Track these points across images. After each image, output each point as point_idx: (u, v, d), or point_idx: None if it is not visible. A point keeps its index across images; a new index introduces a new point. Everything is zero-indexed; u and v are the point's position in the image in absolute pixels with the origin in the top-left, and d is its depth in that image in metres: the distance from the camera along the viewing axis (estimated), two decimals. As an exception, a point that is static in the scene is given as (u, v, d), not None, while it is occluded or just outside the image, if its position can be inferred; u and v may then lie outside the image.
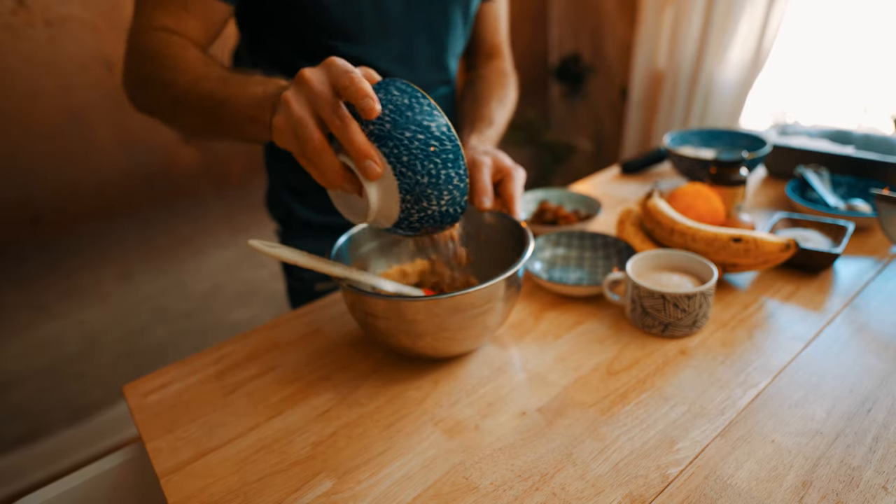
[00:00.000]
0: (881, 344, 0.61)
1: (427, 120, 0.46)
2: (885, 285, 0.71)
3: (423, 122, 0.46)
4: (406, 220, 0.49)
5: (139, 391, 0.62)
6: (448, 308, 0.54)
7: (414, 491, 0.48)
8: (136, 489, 0.59)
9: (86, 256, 1.55)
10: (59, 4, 1.34)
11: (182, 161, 1.64)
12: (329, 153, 0.45)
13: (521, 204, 0.74)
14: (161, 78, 0.60)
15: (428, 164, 0.46)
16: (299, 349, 0.67)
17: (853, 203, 0.87)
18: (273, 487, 0.49)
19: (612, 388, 0.57)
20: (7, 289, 1.45)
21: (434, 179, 0.47)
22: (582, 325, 0.68)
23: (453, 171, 0.47)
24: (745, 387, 0.56)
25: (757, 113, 1.91)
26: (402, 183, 0.46)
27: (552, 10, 2.45)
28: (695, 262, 0.67)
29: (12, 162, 1.38)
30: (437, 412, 0.56)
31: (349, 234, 0.67)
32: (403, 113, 0.46)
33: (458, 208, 0.50)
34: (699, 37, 1.91)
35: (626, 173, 1.17)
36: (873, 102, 1.65)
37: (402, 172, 0.46)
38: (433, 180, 0.47)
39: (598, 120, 2.50)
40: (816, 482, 0.46)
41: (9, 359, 1.49)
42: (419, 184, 0.46)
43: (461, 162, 0.48)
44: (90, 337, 1.61)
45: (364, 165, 0.44)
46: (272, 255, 0.49)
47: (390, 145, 0.45)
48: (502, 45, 0.96)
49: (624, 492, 0.46)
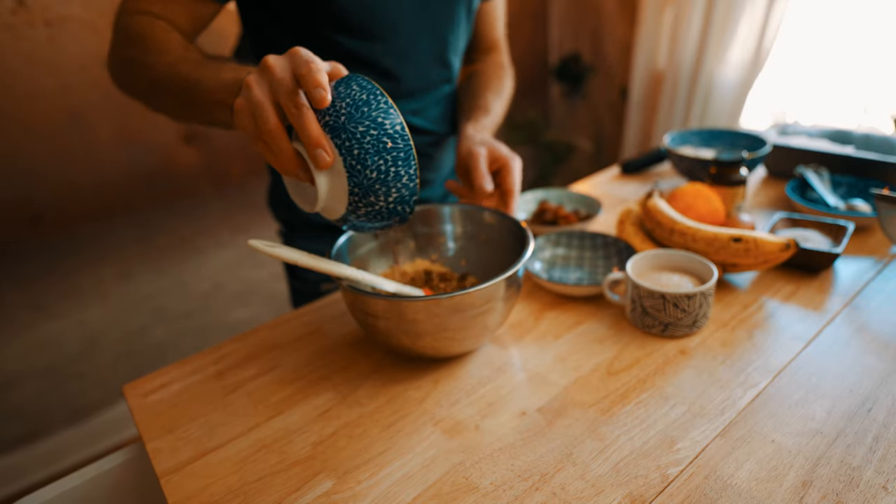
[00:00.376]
0: (881, 344, 0.61)
1: (382, 117, 0.47)
2: (885, 285, 0.71)
3: (378, 119, 0.47)
4: (353, 214, 0.50)
5: (139, 391, 0.62)
6: (448, 308, 0.54)
7: (414, 491, 0.48)
8: (136, 489, 0.59)
9: (86, 256, 1.55)
10: (59, 4, 1.34)
11: (182, 161, 1.64)
12: (283, 138, 0.46)
13: (518, 197, 0.74)
14: (143, 60, 0.62)
15: (378, 159, 0.47)
16: (299, 349, 0.67)
17: (853, 203, 0.87)
18: (273, 487, 0.49)
19: (612, 388, 0.57)
20: (7, 289, 1.45)
21: (383, 176, 0.48)
22: (582, 325, 0.68)
23: (403, 169, 0.48)
24: (746, 387, 0.56)
25: (757, 113, 1.91)
26: (351, 175, 0.47)
27: (552, 10, 2.45)
28: (695, 262, 0.67)
29: (12, 162, 1.38)
30: (437, 412, 0.56)
31: (349, 235, 0.67)
32: (360, 108, 0.47)
33: (407, 207, 0.51)
34: (699, 37, 1.91)
35: (626, 173, 1.17)
36: (873, 102, 1.65)
37: (351, 165, 0.47)
38: (382, 176, 0.47)
39: (598, 120, 2.50)
40: (816, 482, 0.46)
41: (9, 359, 1.49)
42: (368, 178, 0.47)
43: (412, 162, 0.49)
44: (90, 337, 1.61)
45: (315, 154, 0.45)
46: (272, 255, 0.49)
47: (343, 137, 0.46)
48: (500, 40, 0.97)
49: (624, 492, 0.46)
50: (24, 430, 1.55)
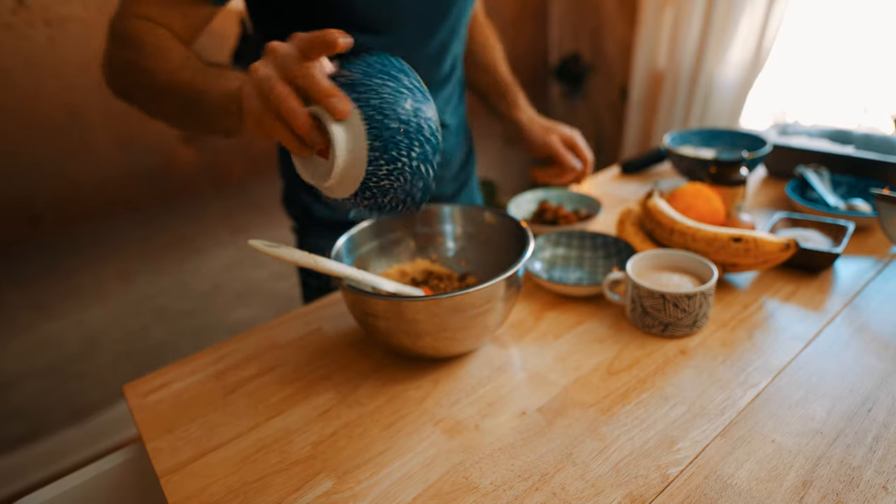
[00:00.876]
0: (881, 344, 0.61)
1: (397, 72, 0.45)
2: (885, 285, 0.71)
3: (393, 73, 0.45)
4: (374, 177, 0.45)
5: (139, 391, 0.62)
6: (448, 308, 0.54)
7: (414, 491, 0.48)
8: (136, 489, 0.59)
9: (86, 256, 1.54)
10: (59, 4, 1.34)
11: (182, 161, 1.64)
12: (294, 99, 0.43)
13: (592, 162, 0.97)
14: (142, 64, 0.61)
15: (399, 109, 0.43)
16: (299, 349, 0.67)
17: (853, 203, 0.87)
18: (273, 487, 0.49)
19: (612, 388, 0.57)
20: (7, 289, 1.45)
21: (405, 126, 0.44)
22: (582, 325, 0.68)
23: (424, 121, 0.45)
24: (746, 387, 0.56)
25: (757, 113, 1.91)
26: (370, 127, 0.43)
27: (552, 10, 2.45)
28: (695, 262, 0.67)
29: (13, 161, 1.38)
30: (437, 412, 0.56)
31: (349, 235, 0.67)
32: (373, 65, 0.45)
33: (431, 169, 0.47)
34: (699, 37, 1.91)
35: (626, 173, 1.17)
36: (873, 102, 1.64)
37: (370, 116, 0.43)
38: (404, 127, 0.44)
39: (598, 120, 2.50)
40: (817, 482, 0.46)
41: (9, 359, 1.49)
42: (388, 128, 0.43)
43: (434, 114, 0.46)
44: (90, 337, 1.61)
45: (330, 103, 0.42)
46: (272, 255, 0.49)
47: (359, 90, 0.43)
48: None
49: (624, 492, 0.46)
50: (24, 430, 1.55)
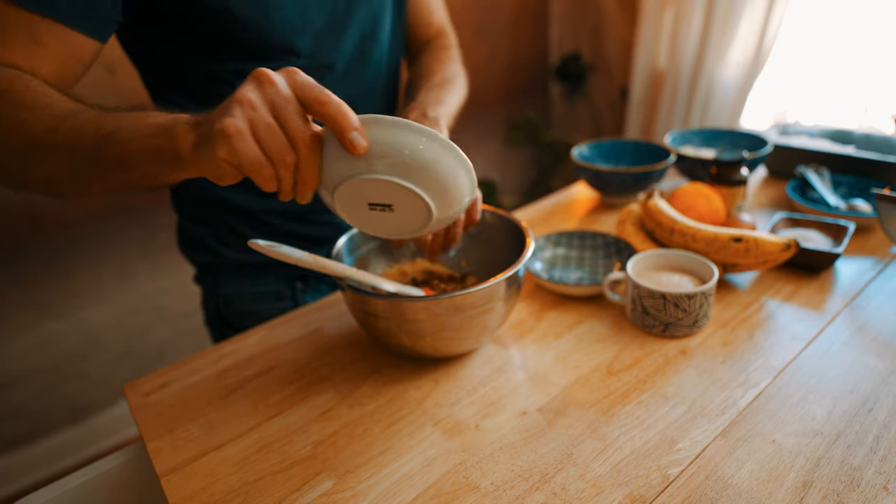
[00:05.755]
0: (882, 344, 0.61)
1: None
2: (886, 285, 0.71)
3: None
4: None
5: (139, 391, 0.62)
6: (448, 308, 0.54)
7: (414, 490, 0.47)
8: (136, 489, 0.59)
9: (86, 256, 1.54)
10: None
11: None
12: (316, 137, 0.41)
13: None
14: (10, 118, 0.48)
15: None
16: (299, 349, 0.67)
17: (854, 203, 0.87)
18: (273, 487, 0.49)
19: (612, 388, 0.57)
20: (7, 289, 1.45)
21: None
22: (582, 325, 0.68)
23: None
24: (746, 387, 0.56)
25: (757, 113, 1.91)
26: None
27: (552, 10, 2.45)
28: (695, 262, 0.67)
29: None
30: (437, 412, 0.56)
31: (349, 235, 0.67)
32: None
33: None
34: (699, 36, 1.91)
35: (627, 173, 1.16)
36: (873, 102, 1.64)
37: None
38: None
39: (598, 120, 2.50)
40: (817, 482, 0.45)
41: (9, 359, 1.49)
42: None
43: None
44: (90, 337, 1.61)
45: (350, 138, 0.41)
46: (273, 255, 0.49)
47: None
48: (444, 25, 0.88)
49: (624, 492, 0.46)
50: (25, 430, 1.55)
